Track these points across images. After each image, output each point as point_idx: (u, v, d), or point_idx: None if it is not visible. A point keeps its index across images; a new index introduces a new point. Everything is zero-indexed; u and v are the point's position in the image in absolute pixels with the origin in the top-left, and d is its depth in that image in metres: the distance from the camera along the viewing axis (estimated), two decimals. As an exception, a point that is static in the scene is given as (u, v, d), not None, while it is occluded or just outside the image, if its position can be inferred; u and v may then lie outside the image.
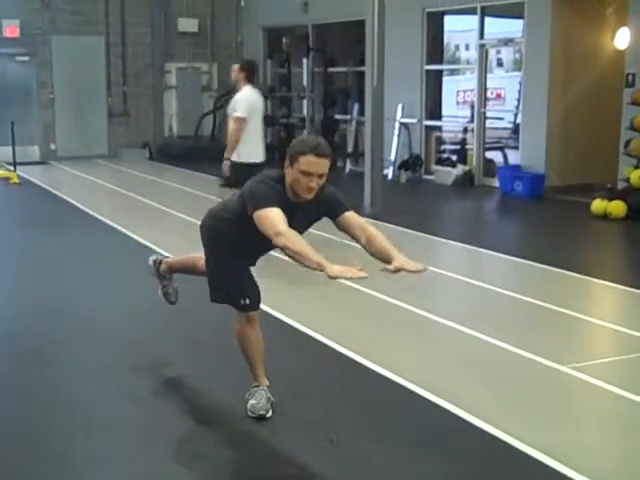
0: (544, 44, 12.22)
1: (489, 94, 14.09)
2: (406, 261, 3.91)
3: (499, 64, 15.13)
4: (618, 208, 10.30)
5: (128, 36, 17.70)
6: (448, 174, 13.91)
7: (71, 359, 5.30)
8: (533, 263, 7.89)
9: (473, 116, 13.98)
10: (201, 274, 4.65)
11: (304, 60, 16.26)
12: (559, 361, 5.09)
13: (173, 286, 5.27)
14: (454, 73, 16.01)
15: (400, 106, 14.49)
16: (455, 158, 14.38)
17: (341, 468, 3.82)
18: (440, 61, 15.09)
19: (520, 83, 13.17)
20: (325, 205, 4.10)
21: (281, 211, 3.84)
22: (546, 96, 12.31)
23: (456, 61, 15.96)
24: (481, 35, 13.54)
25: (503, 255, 8.34)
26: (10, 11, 16.31)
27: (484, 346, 5.48)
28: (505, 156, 13.97)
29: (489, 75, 13.90)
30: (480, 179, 13.72)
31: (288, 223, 3.83)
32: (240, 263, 4.28)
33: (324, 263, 3.66)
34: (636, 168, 10.59)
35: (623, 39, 11.76)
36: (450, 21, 15.18)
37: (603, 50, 12.47)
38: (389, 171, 14.25)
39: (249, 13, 18.18)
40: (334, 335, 5.58)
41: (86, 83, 17.33)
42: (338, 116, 16.30)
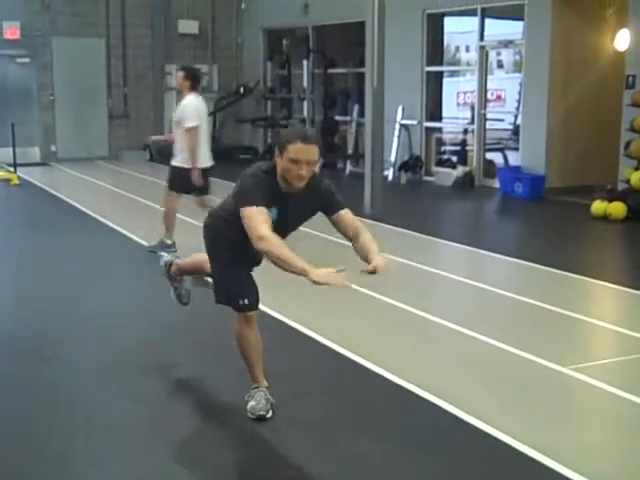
0: (544, 46, 12.23)
1: (489, 95, 14.10)
2: (379, 264, 3.91)
3: (499, 66, 15.13)
4: (618, 209, 10.31)
5: (128, 38, 17.71)
6: (448, 175, 13.92)
7: (71, 359, 5.30)
8: (533, 264, 7.90)
9: (473, 117, 13.99)
10: (208, 275, 4.69)
11: (304, 62, 16.27)
12: (559, 362, 5.08)
13: (185, 287, 5.25)
14: (454, 75, 16.01)
15: (400, 107, 14.50)
16: (455, 159, 14.39)
17: (340, 468, 3.82)
18: (440, 62, 15.10)
19: (520, 84, 13.18)
20: (322, 199, 4.13)
21: (266, 210, 3.87)
22: (546, 97, 12.32)
23: (456, 63, 15.97)
24: (481, 37, 13.55)
25: (503, 256, 8.35)
26: (10, 13, 16.32)
27: (484, 347, 5.48)
28: (505, 157, 13.97)
29: (489, 77, 13.92)
30: (480, 180, 13.73)
31: (281, 215, 3.91)
32: (240, 263, 4.27)
33: (307, 268, 3.71)
34: (636, 169, 10.59)
35: (623, 40, 11.76)
36: (450, 23, 15.19)
37: (603, 52, 12.48)
38: (389, 172, 14.26)
39: (249, 15, 18.20)
40: (333, 335, 5.58)
41: (86, 85, 17.35)
42: (338, 117, 16.32)
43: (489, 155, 14.04)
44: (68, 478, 3.80)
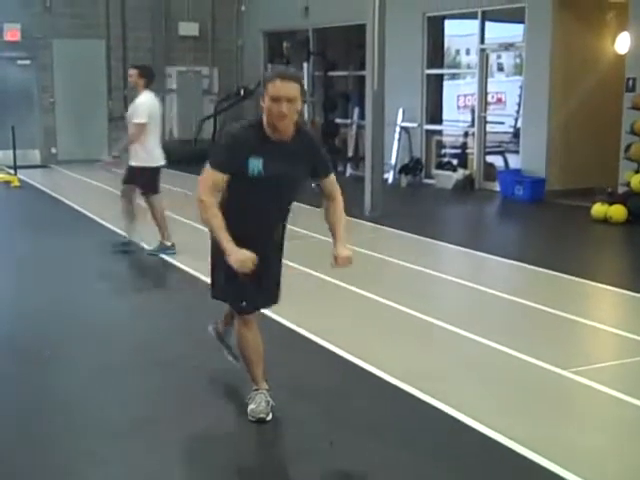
0: (544, 49, 12.23)
1: (490, 98, 14.09)
2: (337, 260, 4.19)
3: (500, 68, 15.13)
4: (618, 212, 10.30)
5: (129, 40, 17.72)
6: (449, 178, 13.92)
7: (71, 359, 5.30)
8: (534, 267, 7.89)
9: (474, 120, 13.98)
10: None
11: (305, 64, 16.26)
12: (560, 365, 5.08)
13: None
14: (455, 77, 16.01)
15: (401, 110, 14.50)
16: (456, 162, 14.38)
17: (340, 470, 3.82)
18: (441, 65, 15.10)
19: (521, 87, 13.18)
20: (313, 157, 4.19)
21: (222, 177, 3.99)
22: (547, 100, 12.32)
23: (457, 65, 15.96)
24: (482, 40, 13.55)
25: (504, 259, 8.34)
26: (11, 15, 16.33)
27: (485, 350, 5.48)
28: (506, 160, 13.97)
29: (490, 79, 13.91)
30: (481, 183, 13.72)
31: (268, 164, 3.99)
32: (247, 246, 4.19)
33: (228, 248, 3.92)
34: (636, 172, 10.59)
35: (623, 44, 11.77)
36: (451, 26, 15.18)
37: (603, 55, 12.48)
38: (389, 175, 14.25)
39: (250, 17, 18.21)
40: (332, 338, 5.57)
41: (87, 87, 17.35)
42: (339, 120, 16.31)
43: (489, 158, 14.03)
44: (68, 478, 3.80)
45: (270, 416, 4.26)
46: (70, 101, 17.24)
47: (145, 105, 8.18)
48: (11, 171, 14.53)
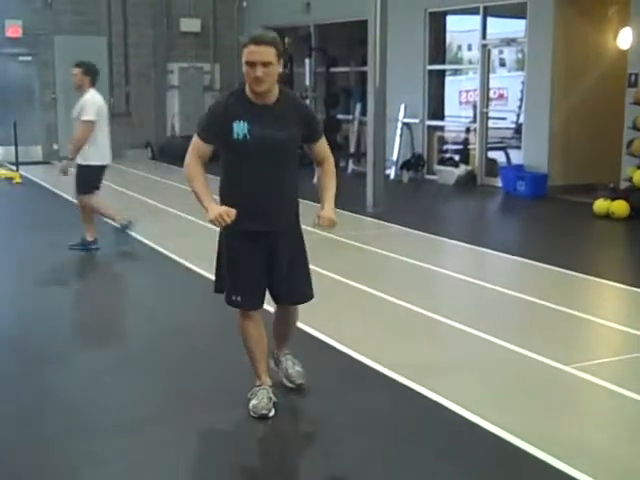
0: (546, 44, 12.21)
1: (491, 94, 14.09)
2: (320, 220, 4.20)
3: (501, 64, 15.13)
4: (621, 208, 10.30)
5: (130, 36, 17.71)
6: (450, 174, 13.91)
7: (72, 360, 5.30)
8: (536, 263, 7.89)
9: (475, 116, 13.98)
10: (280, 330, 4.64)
11: (306, 60, 16.26)
12: (563, 361, 5.08)
13: (288, 364, 4.68)
14: (457, 73, 16.00)
15: (402, 106, 14.49)
16: (457, 158, 14.37)
17: (342, 469, 3.82)
18: (442, 61, 15.09)
19: (523, 83, 13.17)
20: (303, 119, 4.18)
21: (207, 146, 4.10)
22: (549, 96, 12.30)
23: (458, 61, 15.96)
24: (483, 35, 13.53)
25: (506, 255, 8.34)
26: (12, 11, 16.33)
27: (486, 345, 5.47)
28: (508, 156, 13.96)
29: (491, 75, 13.90)
30: (482, 179, 13.71)
31: (254, 127, 4.02)
32: (245, 255, 4.17)
33: (207, 207, 4.01)
34: (639, 168, 10.58)
35: (626, 39, 11.75)
36: (452, 21, 15.16)
37: (606, 50, 12.46)
38: (391, 171, 14.25)
39: (251, 13, 18.19)
40: (336, 334, 5.57)
41: (89, 83, 17.31)
42: (340, 116, 16.30)
43: (491, 154, 14.02)
44: (68, 478, 3.79)
45: (272, 412, 4.25)
46: (72, 97, 17.11)
47: (92, 102, 8.09)
48: (13, 167, 14.53)
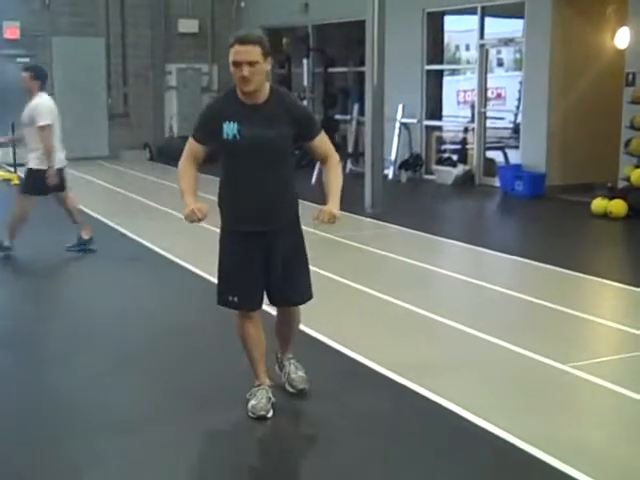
0: (544, 44, 12.22)
1: (489, 94, 14.09)
2: (321, 214, 4.09)
3: (499, 64, 15.12)
4: (618, 207, 10.31)
5: (128, 37, 17.72)
6: (449, 174, 13.92)
7: (73, 360, 5.30)
8: (534, 262, 7.89)
9: (473, 116, 13.98)
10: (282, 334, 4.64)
11: (304, 60, 16.26)
12: (561, 360, 5.08)
13: (290, 369, 4.65)
14: (454, 73, 16.01)
15: (400, 106, 14.50)
16: (456, 158, 14.38)
17: (342, 469, 3.82)
18: (440, 61, 15.09)
19: (520, 83, 13.17)
20: (296, 117, 4.12)
21: (200, 147, 4.17)
22: (546, 95, 12.31)
23: (456, 61, 15.95)
24: (481, 35, 13.55)
25: (504, 254, 8.34)
26: (10, 12, 16.33)
27: (485, 345, 5.48)
28: (506, 156, 13.96)
29: (489, 75, 13.90)
30: (481, 179, 13.72)
31: (244, 127, 4.02)
32: (242, 256, 4.17)
33: (186, 203, 4.06)
34: (637, 167, 10.59)
35: (623, 38, 11.77)
36: (450, 21, 15.17)
37: (603, 49, 12.47)
38: (390, 171, 14.25)
39: (249, 14, 18.19)
40: (335, 335, 5.58)
41: (86, 84, 17.34)
42: (338, 116, 16.32)
43: (489, 153, 14.03)
44: (68, 478, 3.79)
45: (271, 413, 4.25)
46: (70, 99, 17.20)
47: (43, 105, 8.04)
48: (11, 169, 14.52)
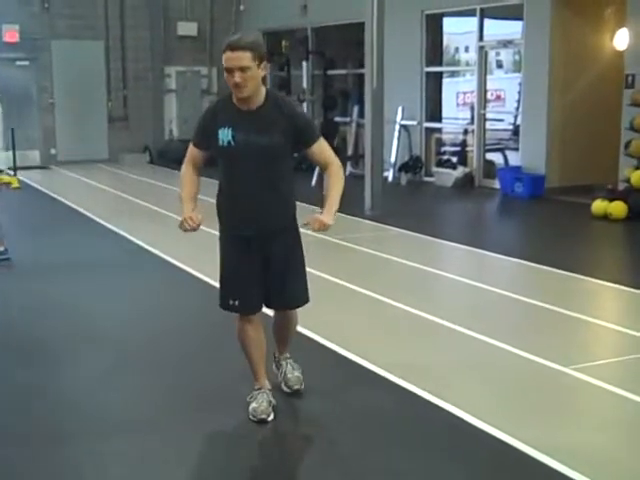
0: (543, 45, 12.23)
1: (489, 96, 14.09)
2: (318, 217, 4.05)
3: (499, 66, 15.12)
4: (619, 209, 10.31)
5: (128, 40, 17.73)
6: (448, 176, 13.92)
7: (73, 361, 5.30)
8: (534, 264, 7.89)
9: (473, 118, 13.99)
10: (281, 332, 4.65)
11: (304, 63, 16.27)
12: (561, 362, 5.08)
13: (287, 369, 4.67)
14: (454, 75, 16.01)
15: (400, 108, 14.51)
16: (455, 160, 14.39)
17: (342, 470, 3.82)
18: (440, 63, 15.10)
19: (520, 84, 13.18)
20: (290, 123, 4.07)
21: (198, 151, 4.22)
22: (546, 97, 12.32)
23: (456, 63, 15.95)
24: (480, 37, 13.56)
25: (504, 256, 8.34)
26: (10, 16, 16.34)
27: (485, 347, 5.47)
28: (505, 157, 13.97)
29: (489, 77, 13.91)
30: (480, 181, 13.73)
31: (238, 133, 4.03)
32: (241, 260, 4.18)
33: (183, 212, 4.12)
34: (636, 169, 10.59)
35: (622, 40, 11.77)
36: (449, 23, 15.18)
37: (602, 51, 12.48)
38: (389, 173, 14.25)
39: (248, 16, 18.20)
40: (333, 336, 5.58)
41: (86, 87, 17.36)
42: (338, 119, 16.32)
43: (489, 155, 14.03)
44: (69, 478, 3.81)
45: (272, 416, 4.25)
46: (69, 102, 17.25)
47: None
48: (11, 172, 14.53)
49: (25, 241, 9.25)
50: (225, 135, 4.06)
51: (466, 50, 15.30)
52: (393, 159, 14.55)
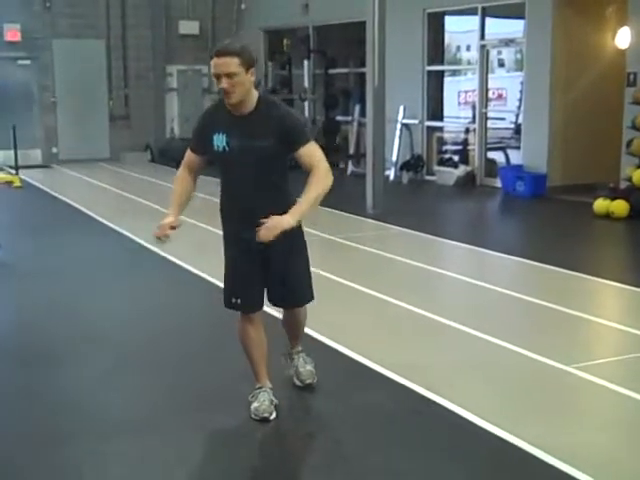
0: (545, 44, 12.21)
1: (490, 94, 14.08)
2: (271, 219, 3.92)
3: (500, 64, 15.11)
4: (620, 207, 10.29)
5: (129, 39, 17.73)
6: (450, 175, 13.90)
7: (74, 361, 5.30)
8: (536, 263, 7.88)
9: (475, 116, 13.98)
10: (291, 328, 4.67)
11: (305, 62, 16.26)
12: (563, 361, 5.07)
13: (299, 362, 4.75)
14: (455, 74, 15.99)
15: (402, 107, 14.49)
16: (457, 159, 14.36)
17: (343, 469, 3.81)
18: (441, 62, 15.08)
19: (521, 83, 13.17)
20: (278, 128, 4.03)
21: (195, 156, 4.27)
22: (547, 96, 12.30)
23: (457, 62, 15.94)
24: (482, 35, 13.54)
25: (506, 255, 8.33)
26: (11, 15, 16.34)
27: (487, 346, 5.47)
28: (507, 156, 13.95)
29: (490, 75, 13.90)
30: (482, 179, 13.71)
31: (232, 138, 4.06)
32: (242, 260, 4.21)
33: (168, 214, 4.23)
34: (638, 167, 10.57)
35: (624, 38, 11.75)
36: (451, 22, 15.16)
37: (604, 49, 12.46)
38: (391, 172, 14.24)
39: (250, 15, 18.19)
40: (336, 335, 5.57)
41: (87, 86, 17.36)
42: (340, 117, 16.30)
43: (491, 154, 14.01)
44: (69, 478, 3.79)
45: (273, 415, 4.25)
46: (71, 101, 17.25)
47: None
48: (12, 171, 14.53)
49: (26, 240, 9.25)
50: (220, 141, 4.09)
51: (468, 49, 15.29)
52: (395, 158, 14.54)
